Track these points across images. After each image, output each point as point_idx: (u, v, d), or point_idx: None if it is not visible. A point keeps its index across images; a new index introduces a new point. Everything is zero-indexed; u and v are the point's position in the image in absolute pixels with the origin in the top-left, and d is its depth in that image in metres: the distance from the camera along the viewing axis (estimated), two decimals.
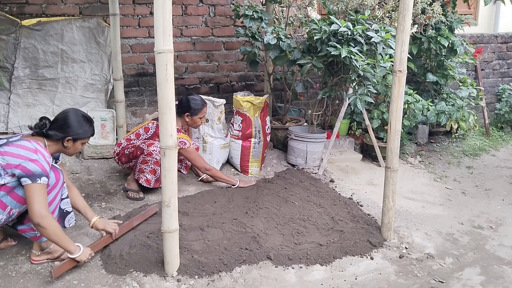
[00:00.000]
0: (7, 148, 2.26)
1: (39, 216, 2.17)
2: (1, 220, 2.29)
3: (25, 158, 2.21)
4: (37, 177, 2.20)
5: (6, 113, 4.06)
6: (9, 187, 2.25)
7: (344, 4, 4.11)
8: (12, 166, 2.21)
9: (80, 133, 2.42)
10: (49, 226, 2.20)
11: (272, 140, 4.40)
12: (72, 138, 2.41)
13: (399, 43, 2.72)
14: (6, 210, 2.27)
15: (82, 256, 2.36)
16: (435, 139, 5.32)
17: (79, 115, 2.45)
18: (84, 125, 2.44)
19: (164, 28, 2.15)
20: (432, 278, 2.64)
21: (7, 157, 2.23)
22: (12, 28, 4.07)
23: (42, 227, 2.19)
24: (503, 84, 6.26)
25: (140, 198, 3.32)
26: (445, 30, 4.59)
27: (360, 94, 3.51)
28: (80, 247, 2.37)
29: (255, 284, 2.47)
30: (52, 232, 2.23)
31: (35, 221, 2.18)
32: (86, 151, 3.94)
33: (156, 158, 3.19)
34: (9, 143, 2.29)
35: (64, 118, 2.40)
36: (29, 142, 2.29)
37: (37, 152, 2.26)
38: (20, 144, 2.27)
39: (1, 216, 2.28)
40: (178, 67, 4.67)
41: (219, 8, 4.71)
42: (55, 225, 2.25)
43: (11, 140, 2.31)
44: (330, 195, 3.56)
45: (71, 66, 4.21)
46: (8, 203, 2.26)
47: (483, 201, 3.85)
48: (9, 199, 2.26)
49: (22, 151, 2.25)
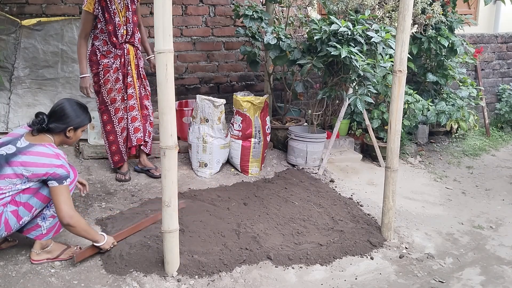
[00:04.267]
0: (25, 157, 2.25)
1: (68, 217, 2.28)
2: (25, 222, 2.33)
3: (51, 166, 2.25)
4: (63, 179, 2.27)
5: (6, 113, 4.06)
6: (34, 189, 2.29)
7: (344, 4, 4.12)
8: (39, 175, 2.25)
9: (79, 121, 2.46)
10: (78, 224, 2.32)
11: (272, 140, 4.40)
12: (73, 128, 2.44)
13: (399, 43, 2.72)
14: (32, 211, 2.32)
15: (106, 244, 2.50)
16: (435, 139, 5.32)
17: (74, 104, 2.47)
18: (81, 113, 2.47)
19: (164, 28, 2.15)
20: (432, 278, 2.64)
21: (30, 168, 2.24)
22: (12, 28, 4.07)
23: (72, 226, 2.30)
24: (503, 84, 6.26)
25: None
26: (445, 30, 4.59)
27: (360, 94, 3.51)
28: (105, 236, 2.51)
29: (255, 284, 2.47)
30: (81, 228, 2.35)
31: (65, 222, 2.28)
32: (86, 151, 3.94)
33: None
34: (24, 151, 2.27)
35: (61, 110, 2.41)
36: (46, 147, 2.30)
37: (59, 157, 2.30)
38: (38, 152, 2.28)
39: (26, 218, 2.32)
40: (178, 67, 4.68)
41: (219, 8, 4.71)
42: (83, 222, 2.37)
43: (22, 147, 2.28)
44: (330, 195, 3.56)
45: (71, 66, 4.21)
46: (34, 204, 2.31)
47: (483, 201, 3.85)
48: (35, 200, 2.31)
49: (45, 159, 2.26)
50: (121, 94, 3.50)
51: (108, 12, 3.28)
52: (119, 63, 3.42)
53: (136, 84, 3.54)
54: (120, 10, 3.33)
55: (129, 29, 3.42)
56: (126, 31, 3.40)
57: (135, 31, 3.49)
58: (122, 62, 3.43)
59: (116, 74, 3.43)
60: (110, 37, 3.34)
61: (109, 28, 3.31)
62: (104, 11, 3.28)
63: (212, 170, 3.82)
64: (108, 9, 3.28)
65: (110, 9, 3.28)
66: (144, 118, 3.63)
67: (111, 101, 3.48)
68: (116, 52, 3.40)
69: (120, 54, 3.41)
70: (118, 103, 3.49)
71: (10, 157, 2.26)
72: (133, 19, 3.44)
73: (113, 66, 3.40)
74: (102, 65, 3.38)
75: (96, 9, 3.26)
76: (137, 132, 3.57)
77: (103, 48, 3.37)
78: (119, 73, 3.44)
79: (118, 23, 3.33)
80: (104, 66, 3.39)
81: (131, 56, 3.47)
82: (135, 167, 3.79)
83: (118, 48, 3.40)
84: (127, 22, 3.40)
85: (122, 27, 3.36)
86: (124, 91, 3.50)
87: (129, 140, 3.57)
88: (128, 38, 3.43)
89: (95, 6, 3.24)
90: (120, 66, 3.43)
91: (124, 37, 3.39)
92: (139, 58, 3.57)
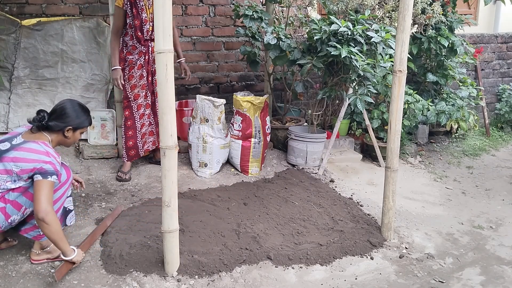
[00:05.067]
0: (16, 153, 2.25)
1: (44, 211, 2.18)
2: (14, 220, 2.31)
3: (39, 161, 2.23)
4: (48, 175, 2.23)
5: (6, 113, 4.06)
6: (24, 187, 2.28)
7: (344, 4, 4.12)
8: (27, 171, 2.23)
9: (79, 122, 2.45)
10: (52, 223, 2.21)
11: (272, 140, 4.40)
12: (72, 128, 2.43)
13: (399, 43, 2.72)
14: (21, 210, 2.31)
15: (78, 257, 2.38)
16: (435, 139, 5.32)
17: (75, 104, 2.47)
18: (82, 114, 2.47)
19: (164, 28, 2.16)
20: (432, 278, 2.64)
21: (19, 163, 2.23)
22: (12, 28, 4.07)
23: (46, 222, 2.19)
24: (503, 84, 6.26)
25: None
26: (445, 30, 4.59)
27: (360, 94, 3.51)
28: (75, 249, 2.37)
29: (255, 284, 2.47)
30: (54, 229, 2.23)
31: (39, 216, 2.18)
32: (86, 151, 3.94)
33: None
34: (16, 147, 2.27)
35: (62, 109, 2.42)
36: (38, 144, 2.29)
37: (49, 155, 2.28)
38: (29, 148, 2.27)
39: (15, 216, 2.30)
40: (178, 67, 4.67)
41: (219, 8, 4.71)
42: (58, 224, 2.26)
43: (16, 144, 2.29)
44: (330, 195, 3.56)
45: (71, 66, 4.21)
46: (23, 203, 2.29)
47: (483, 201, 3.85)
48: (24, 199, 2.29)
49: (34, 154, 2.25)
50: (145, 91, 3.61)
51: (136, 8, 3.44)
52: (143, 60, 3.55)
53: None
54: (148, 7, 3.47)
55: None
56: (152, 27, 3.49)
57: None
58: (146, 59, 3.56)
59: (140, 70, 3.56)
60: (135, 31, 3.49)
61: (135, 23, 3.46)
62: (132, 7, 3.45)
63: (212, 170, 3.82)
64: (137, 5, 3.45)
65: (138, 5, 3.45)
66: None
67: (135, 97, 3.60)
68: (141, 49, 3.53)
69: (144, 51, 3.54)
70: (141, 99, 3.61)
71: (3, 153, 2.26)
72: None
73: (137, 62, 3.54)
74: (128, 61, 3.53)
75: (125, 4, 3.44)
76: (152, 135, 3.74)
77: (130, 43, 3.52)
78: (143, 70, 3.57)
79: (144, 18, 3.46)
80: (130, 62, 3.54)
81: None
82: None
83: (142, 44, 3.53)
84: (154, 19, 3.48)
85: (148, 23, 3.48)
86: (150, 89, 3.63)
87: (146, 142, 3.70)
88: (153, 35, 3.51)
89: (124, 1, 3.43)
90: (144, 63, 3.56)
91: (149, 33, 3.51)
92: None
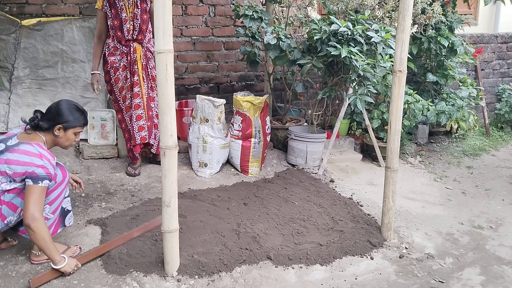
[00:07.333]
0: (10, 155, 2.24)
1: (31, 218, 2.17)
2: (11, 221, 2.31)
3: (31, 165, 2.21)
4: (39, 180, 2.20)
5: (6, 113, 4.06)
6: (18, 189, 2.27)
7: (344, 4, 4.12)
8: (19, 174, 2.22)
9: (70, 121, 2.37)
10: (39, 230, 2.19)
11: (272, 140, 4.40)
12: (62, 127, 2.37)
13: (399, 43, 2.72)
14: (17, 211, 2.30)
15: (67, 267, 2.32)
16: (435, 139, 5.32)
17: (71, 104, 2.42)
18: (74, 113, 2.40)
19: (164, 28, 2.15)
20: (432, 278, 2.64)
21: (12, 165, 2.22)
22: (12, 28, 4.07)
23: (32, 229, 2.18)
24: (503, 84, 6.26)
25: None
26: (445, 30, 4.59)
27: (360, 94, 3.51)
28: (65, 258, 2.32)
29: (255, 284, 2.47)
30: (41, 237, 2.20)
31: (26, 222, 2.17)
32: (86, 151, 3.94)
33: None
34: (10, 149, 2.26)
35: (55, 107, 2.39)
36: (32, 146, 2.27)
37: (42, 157, 2.25)
38: (22, 150, 2.25)
39: (12, 218, 2.30)
40: (178, 67, 4.67)
41: (219, 8, 4.71)
42: (45, 231, 2.23)
43: (10, 145, 2.28)
44: (330, 195, 3.56)
45: (71, 66, 4.21)
46: (19, 204, 2.28)
47: (483, 201, 3.85)
48: (19, 200, 2.28)
49: (27, 157, 2.23)
50: (130, 92, 3.59)
51: (115, 8, 3.43)
52: (126, 61, 3.52)
53: (142, 83, 3.58)
54: (128, 7, 3.44)
55: (136, 25, 3.48)
56: (133, 26, 3.47)
57: (143, 29, 3.53)
58: (128, 60, 3.52)
59: (124, 72, 3.55)
60: (116, 32, 3.46)
61: (115, 23, 3.44)
62: (111, 7, 3.43)
63: (212, 170, 3.82)
64: (116, 5, 3.43)
65: (117, 5, 3.43)
66: (150, 119, 3.65)
67: (123, 99, 3.60)
68: (122, 49, 3.50)
69: (126, 52, 3.51)
70: (128, 101, 3.60)
71: None
72: (142, 17, 3.51)
73: (120, 64, 3.52)
74: (110, 63, 3.50)
75: (104, 6, 3.42)
76: (142, 130, 3.61)
77: (111, 45, 3.50)
78: (127, 71, 3.55)
79: (124, 18, 3.44)
80: (111, 64, 3.51)
81: (137, 55, 3.53)
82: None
83: (124, 44, 3.50)
84: (135, 18, 3.49)
85: (129, 22, 3.45)
86: (131, 90, 3.58)
87: (132, 138, 3.61)
88: (135, 34, 3.49)
89: (103, 3, 3.42)
90: (127, 64, 3.53)
91: (130, 33, 3.47)
92: (148, 58, 3.61)
